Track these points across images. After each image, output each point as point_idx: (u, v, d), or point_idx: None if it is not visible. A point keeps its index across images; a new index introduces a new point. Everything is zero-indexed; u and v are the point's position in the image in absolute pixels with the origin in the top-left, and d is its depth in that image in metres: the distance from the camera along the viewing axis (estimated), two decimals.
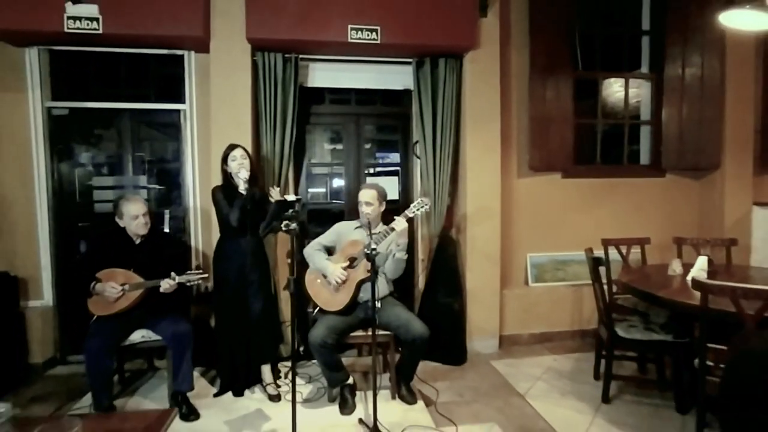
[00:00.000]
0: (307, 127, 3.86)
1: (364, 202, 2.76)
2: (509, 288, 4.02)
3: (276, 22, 3.24)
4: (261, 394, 2.94)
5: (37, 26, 3.06)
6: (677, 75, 4.16)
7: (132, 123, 3.67)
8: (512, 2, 3.89)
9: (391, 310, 2.78)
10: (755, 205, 4.21)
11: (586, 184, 4.20)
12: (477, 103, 3.68)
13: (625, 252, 3.68)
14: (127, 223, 2.68)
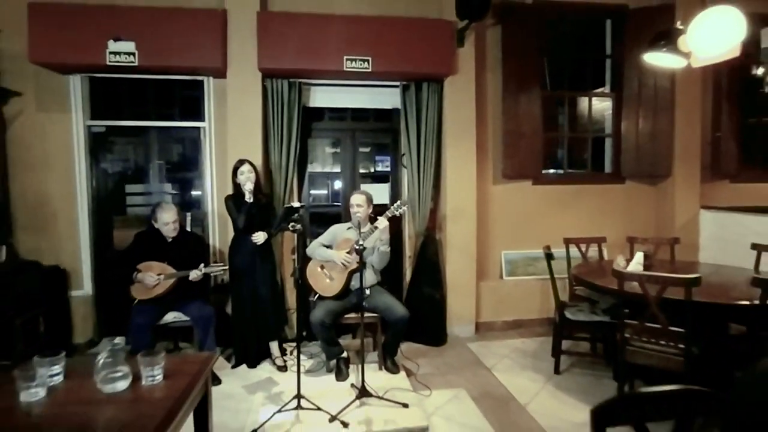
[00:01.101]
0: (309, 141, 4.44)
1: (356, 204, 3.36)
2: (485, 281, 4.60)
3: (282, 54, 3.84)
4: (270, 366, 3.53)
5: (83, 60, 3.66)
6: (634, 93, 4.73)
7: (158, 138, 4.28)
8: (487, 33, 4.47)
9: (378, 296, 3.37)
10: (702, 208, 4.78)
11: (554, 190, 4.78)
12: (455, 121, 4.26)
13: (585, 249, 4.25)
14: (160, 227, 3.28)
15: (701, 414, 1.11)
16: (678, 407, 1.10)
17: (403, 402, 2.88)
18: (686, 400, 1.09)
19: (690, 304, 2.54)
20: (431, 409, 2.93)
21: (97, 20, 3.65)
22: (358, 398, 2.87)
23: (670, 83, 4.63)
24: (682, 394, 1.09)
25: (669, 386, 1.08)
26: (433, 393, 3.17)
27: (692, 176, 4.76)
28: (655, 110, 4.70)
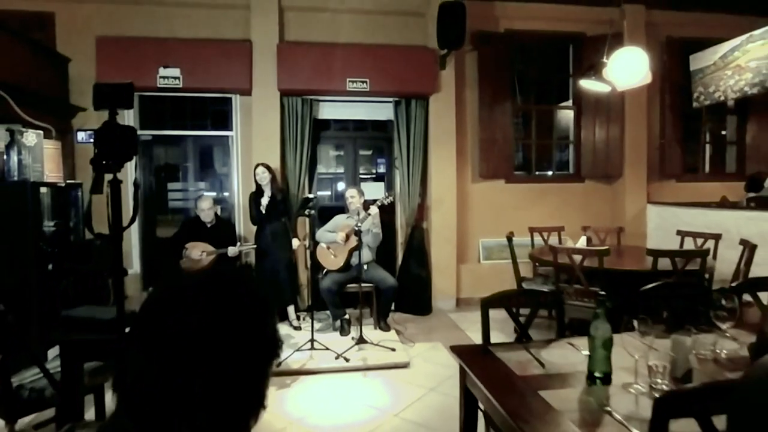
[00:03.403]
0: (318, 147, 5.35)
1: (349, 196, 4.27)
2: (465, 263, 5.48)
3: (296, 77, 4.75)
4: (288, 327, 4.42)
5: (140, 83, 4.54)
6: (591, 106, 5.61)
7: (194, 145, 5.20)
8: (466, 57, 5.37)
9: (373, 270, 4.27)
10: (649, 203, 5.66)
11: (523, 187, 5.67)
12: (439, 130, 5.16)
13: (546, 237, 5.12)
14: (200, 213, 4.19)
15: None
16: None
17: (392, 347, 3.78)
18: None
19: (602, 270, 3.43)
20: (413, 354, 3.83)
21: (150, 50, 4.58)
22: (357, 344, 3.77)
23: (620, 98, 5.50)
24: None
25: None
26: (416, 345, 4.06)
27: (640, 176, 5.64)
28: (609, 120, 5.59)
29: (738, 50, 4.79)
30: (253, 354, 0.64)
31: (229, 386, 0.61)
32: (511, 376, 1.58)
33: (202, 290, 0.65)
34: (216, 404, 0.60)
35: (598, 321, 1.49)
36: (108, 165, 1.78)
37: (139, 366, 0.61)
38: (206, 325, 0.61)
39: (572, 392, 1.44)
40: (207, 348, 0.60)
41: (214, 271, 0.74)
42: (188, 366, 0.59)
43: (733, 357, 1.67)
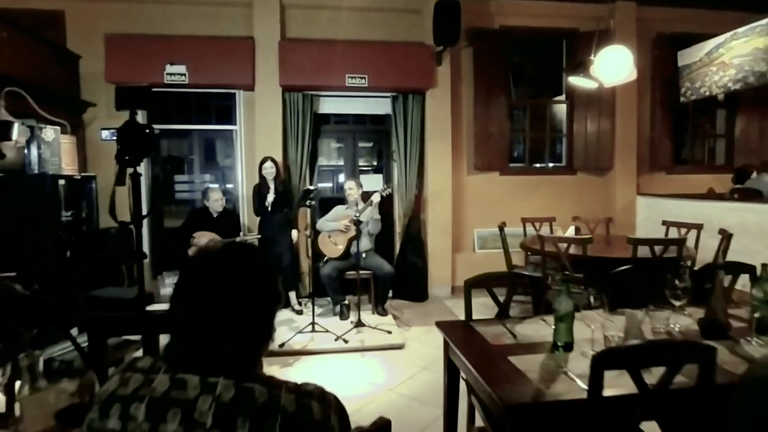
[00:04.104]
0: (319, 140, 5.55)
1: (348, 188, 4.48)
2: (460, 252, 5.70)
3: (298, 74, 4.94)
4: (290, 312, 4.66)
5: (147, 79, 4.74)
6: (583, 100, 5.79)
7: (200, 138, 5.41)
8: (461, 53, 5.54)
9: (371, 258, 4.49)
10: (638, 195, 5.85)
11: (517, 179, 5.87)
12: (435, 124, 5.35)
13: (538, 227, 5.33)
14: (210, 204, 4.41)
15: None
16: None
17: (388, 330, 4.02)
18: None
19: (586, 258, 3.64)
20: (408, 336, 4.06)
21: (157, 48, 4.77)
22: (356, 327, 4.01)
23: (612, 93, 5.67)
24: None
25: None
26: (412, 328, 4.30)
27: (630, 169, 5.83)
28: (600, 114, 5.77)
29: (723, 47, 4.96)
30: (264, 299, 0.89)
31: (248, 321, 0.86)
32: (486, 345, 1.80)
33: (225, 255, 0.90)
34: (240, 334, 0.84)
35: (561, 297, 1.71)
36: (129, 160, 1.99)
37: (183, 309, 0.85)
38: (231, 279, 0.86)
39: (537, 357, 1.66)
40: (232, 295, 0.85)
41: (232, 243, 0.97)
42: (219, 307, 0.83)
43: (684, 331, 1.88)
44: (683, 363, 1.28)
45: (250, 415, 0.76)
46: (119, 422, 0.77)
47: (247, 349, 0.86)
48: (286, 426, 0.77)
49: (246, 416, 0.76)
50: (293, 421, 0.78)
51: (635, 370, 1.25)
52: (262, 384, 0.80)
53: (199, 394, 0.77)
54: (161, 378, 0.79)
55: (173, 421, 0.75)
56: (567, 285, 1.73)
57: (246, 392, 0.78)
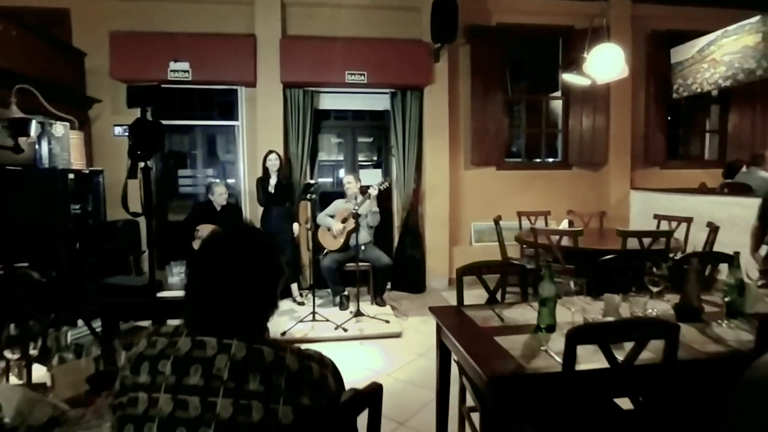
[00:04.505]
0: (319, 136, 5.67)
1: (347, 182, 4.62)
2: (458, 246, 5.83)
3: (298, 70, 5.05)
4: (291, 303, 4.80)
5: (151, 76, 4.87)
6: (579, 96, 5.90)
7: (203, 134, 5.53)
8: (459, 50, 5.65)
9: (370, 250, 4.62)
10: (632, 189, 5.98)
11: (514, 174, 5.99)
12: (433, 120, 5.47)
13: (533, 220, 5.45)
14: (215, 198, 4.53)
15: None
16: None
17: (386, 320, 4.16)
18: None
19: (577, 250, 3.77)
20: (406, 326, 4.20)
21: (160, 45, 4.88)
22: (355, 316, 4.15)
23: (606, 89, 5.78)
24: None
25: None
26: (409, 318, 4.44)
27: (624, 164, 5.96)
28: (595, 110, 5.88)
29: (714, 44, 5.06)
30: (269, 273, 1.03)
31: (257, 292, 1.00)
32: (475, 327, 1.94)
33: (237, 236, 1.04)
34: (249, 303, 0.98)
35: (544, 282, 1.84)
36: (141, 154, 2.12)
37: (199, 282, 0.99)
38: (241, 256, 1.00)
39: (521, 338, 1.79)
40: (242, 269, 0.99)
41: (241, 225, 1.11)
42: (232, 280, 0.97)
43: (661, 315, 2.01)
44: (649, 338, 1.41)
45: (260, 371, 0.90)
46: (149, 377, 0.90)
47: (256, 315, 1.00)
48: (290, 382, 0.90)
49: (256, 372, 0.89)
50: (296, 378, 0.91)
51: (605, 344, 1.38)
52: (270, 346, 0.94)
53: (217, 353, 0.91)
54: (184, 340, 0.93)
55: (195, 375, 0.89)
56: (550, 271, 1.86)
57: (256, 352, 0.92)
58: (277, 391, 0.89)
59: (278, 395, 0.89)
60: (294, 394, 0.90)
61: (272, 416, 0.87)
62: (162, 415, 0.87)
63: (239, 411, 0.86)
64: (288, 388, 0.90)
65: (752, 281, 2.13)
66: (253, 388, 0.88)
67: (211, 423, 0.85)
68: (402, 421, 2.69)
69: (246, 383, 0.88)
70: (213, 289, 0.97)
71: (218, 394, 0.87)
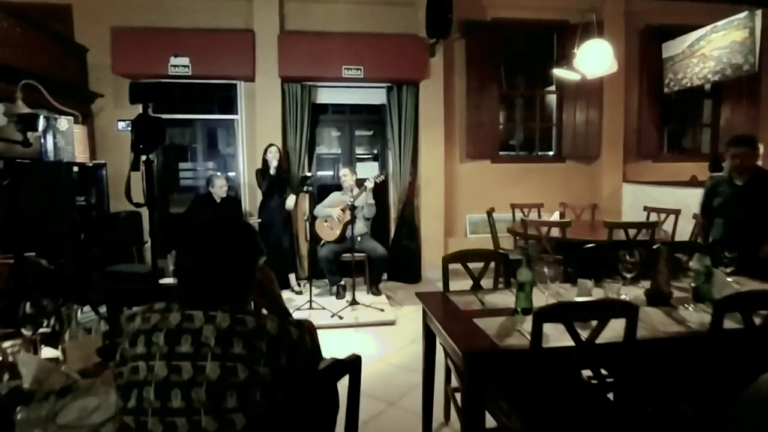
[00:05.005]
0: (317, 129, 5.78)
1: (343, 174, 4.74)
2: (453, 237, 5.96)
3: (296, 65, 5.15)
4: (290, 293, 4.94)
5: (152, 71, 4.99)
6: (572, 91, 5.99)
7: (203, 128, 5.64)
8: (454, 45, 5.74)
9: (365, 242, 4.75)
10: (624, 182, 6.08)
11: (508, 167, 6.10)
12: (428, 114, 5.57)
13: (527, 212, 5.57)
14: (215, 191, 4.65)
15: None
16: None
17: (381, 308, 4.29)
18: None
19: (565, 241, 3.90)
20: (400, 314, 4.34)
21: (161, 40, 4.98)
22: (350, 305, 4.29)
23: (599, 83, 5.87)
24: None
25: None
26: (404, 307, 4.57)
27: (616, 157, 6.06)
28: (588, 104, 5.97)
29: (703, 40, 5.14)
30: (246, 251, 1.18)
31: (237, 269, 1.14)
32: (456, 310, 2.07)
33: (218, 221, 1.21)
34: (230, 277, 1.13)
35: (521, 268, 1.96)
36: (143, 149, 2.24)
37: (187, 261, 1.13)
38: (222, 237, 1.15)
39: (498, 320, 1.91)
40: (222, 248, 1.13)
41: (223, 212, 1.27)
42: (215, 258, 1.12)
43: (633, 300, 2.14)
44: (610, 317, 1.54)
45: (243, 337, 1.03)
46: (145, 348, 1.03)
47: (236, 288, 1.14)
48: (271, 345, 1.03)
49: (240, 338, 1.02)
50: (276, 341, 1.04)
51: (569, 323, 1.51)
52: (252, 315, 1.07)
53: (204, 324, 1.04)
54: (174, 315, 1.06)
55: (186, 344, 1.02)
56: (527, 257, 1.98)
57: (239, 321, 1.05)
58: (258, 354, 1.02)
59: (260, 358, 1.02)
60: (273, 355, 1.03)
61: (255, 376, 1.01)
62: (158, 379, 1.00)
63: (226, 372, 0.99)
64: (269, 351, 1.03)
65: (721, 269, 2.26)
66: (238, 352, 1.01)
67: (202, 384, 0.98)
68: (392, 402, 2.83)
69: (231, 348, 1.01)
70: (197, 266, 1.11)
71: (207, 359, 1.00)
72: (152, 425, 0.97)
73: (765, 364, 1.67)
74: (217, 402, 0.97)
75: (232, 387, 0.98)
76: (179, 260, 1.14)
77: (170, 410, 0.97)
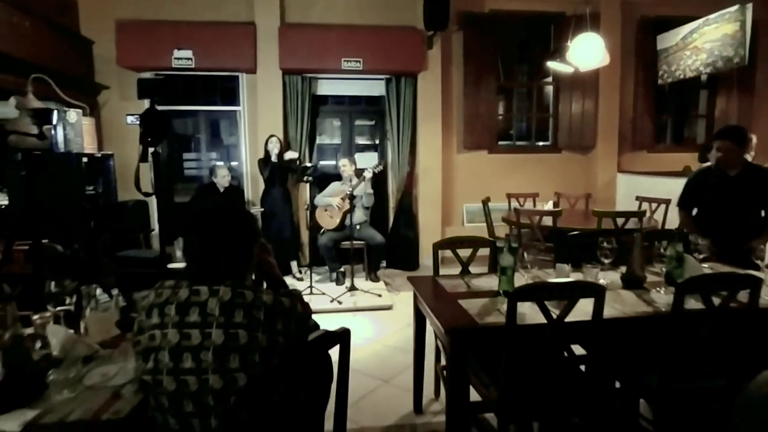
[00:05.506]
0: (317, 120, 5.91)
1: (341, 165, 4.88)
2: (450, 226, 6.11)
3: (297, 58, 5.27)
4: (291, 279, 5.11)
5: (156, 63, 5.12)
6: (568, 82, 6.08)
7: (206, 119, 5.78)
8: (452, 37, 5.83)
9: (364, 230, 4.91)
10: (619, 172, 6.20)
11: (505, 157, 6.22)
12: (426, 105, 5.69)
13: (522, 202, 5.70)
14: (218, 180, 4.81)
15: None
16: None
17: (379, 294, 4.46)
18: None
19: (555, 229, 4.04)
20: (397, 300, 4.51)
21: (165, 33, 5.10)
22: (349, 290, 4.46)
23: (595, 74, 5.96)
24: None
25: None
26: (401, 293, 4.74)
27: (611, 148, 6.17)
28: (584, 96, 6.07)
29: (696, 32, 5.22)
30: (245, 234, 1.34)
31: (236, 249, 1.30)
32: (444, 292, 2.22)
33: (220, 208, 1.35)
34: (231, 257, 1.29)
35: (503, 254, 2.11)
36: (151, 141, 2.38)
37: (193, 242, 1.29)
38: (223, 220, 1.30)
39: (481, 301, 2.07)
40: (224, 230, 1.29)
41: (225, 200, 1.42)
42: (215, 238, 1.28)
43: (609, 283, 2.28)
44: (579, 297, 1.69)
45: (243, 307, 1.19)
46: (159, 318, 1.20)
47: (236, 266, 1.30)
48: (267, 313, 1.20)
49: (240, 308, 1.19)
50: (271, 310, 1.21)
51: (541, 302, 1.66)
52: (250, 289, 1.24)
53: (209, 297, 1.20)
54: (183, 290, 1.22)
55: (194, 314, 1.18)
56: (509, 243, 2.13)
57: (239, 294, 1.21)
58: (256, 321, 1.19)
59: (257, 325, 1.19)
60: (270, 323, 1.20)
61: (254, 341, 1.17)
62: (171, 344, 1.16)
63: (229, 338, 1.16)
64: (266, 319, 1.19)
65: (695, 256, 2.40)
66: (239, 321, 1.18)
67: (209, 348, 1.15)
68: (387, 379, 3.01)
69: (233, 317, 1.18)
70: (202, 247, 1.28)
71: (212, 327, 1.17)
72: (167, 383, 1.14)
73: (722, 341, 1.83)
74: (222, 363, 1.14)
75: (235, 350, 1.15)
76: (186, 242, 1.30)
77: (182, 370, 1.14)
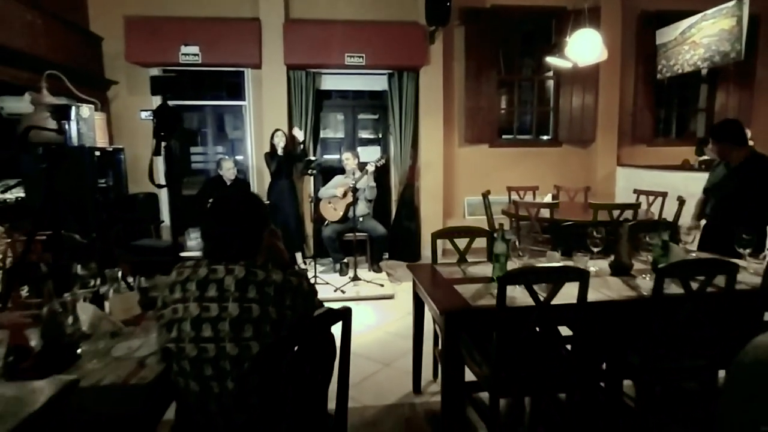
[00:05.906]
0: (321, 114, 6.02)
1: (345, 158, 5.01)
2: (451, 219, 6.23)
3: (301, 54, 5.38)
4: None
5: (164, 59, 5.24)
6: (569, 76, 6.16)
7: (212, 113, 5.90)
8: (454, 32, 5.91)
9: (367, 222, 5.04)
10: (618, 166, 6.29)
11: (505, 151, 6.32)
12: (428, 99, 5.79)
13: (522, 195, 5.80)
14: (224, 173, 4.94)
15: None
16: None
17: (381, 284, 4.60)
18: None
19: (553, 221, 4.15)
20: (398, 289, 4.65)
21: (172, 29, 5.22)
22: (352, 280, 4.60)
23: (596, 69, 6.03)
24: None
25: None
26: (402, 283, 4.87)
27: (611, 141, 6.25)
28: (584, 90, 6.15)
29: (694, 27, 5.28)
30: (256, 219, 1.47)
31: (250, 233, 1.43)
32: (441, 278, 2.35)
33: (236, 194, 1.50)
34: (245, 239, 1.42)
35: (497, 242, 2.23)
36: (164, 135, 2.52)
37: (210, 224, 1.43)
38: (238, 205, 1.44)
39: (476, 286, 2.20)
40: (238, 214, 1.43)
41: (243, 188, 1.55)
42: (230, 221, 1.41)
43: (598, 271, 2.41)
44: (564, 281, 1.81)
45: (256, 284, 1.33)
46: (181, 293, 1.34)
47: (248, 247, 1.43)
48: (277, 290, 1.34)
49: (253, 285, 1.33)
50: (281, 287, 1.34)
51: (529, 285, 1.79)
52: (262, 269, 1.37)
53: (225, 275, 1.34)
54: (202, 269, 1.37)
55: (212, 290, 1.32)
56: (502, 232, 2.25)
57: (252, 273, 1.35)
58: (267, 297, 1.33)
59: (268, 300, 1.33)
60: (279, 298, 1.34)
61: (265, 314, 1.31)
62: (192, 316, 1.30)
63: (243, 311, 1.30)
64: (276, 295, 1.33)
65: (682, 244, 2.52)
66: (252, 296, 1.32)
67: (226, 319, 1.29)
68: (388, 363, 3.16)
69: (246, 293, 1.32)
70: (218, 230, 1.42)
71: (228, 301, 1.31)
72: (189, 350, 1.28)
73: (701, 323, 1.95)
74: (237, 332, 1.28)
75: (249, 322, 1.29)
76: (205, 224, 1.45)
77: (202, 338, 1.28)
